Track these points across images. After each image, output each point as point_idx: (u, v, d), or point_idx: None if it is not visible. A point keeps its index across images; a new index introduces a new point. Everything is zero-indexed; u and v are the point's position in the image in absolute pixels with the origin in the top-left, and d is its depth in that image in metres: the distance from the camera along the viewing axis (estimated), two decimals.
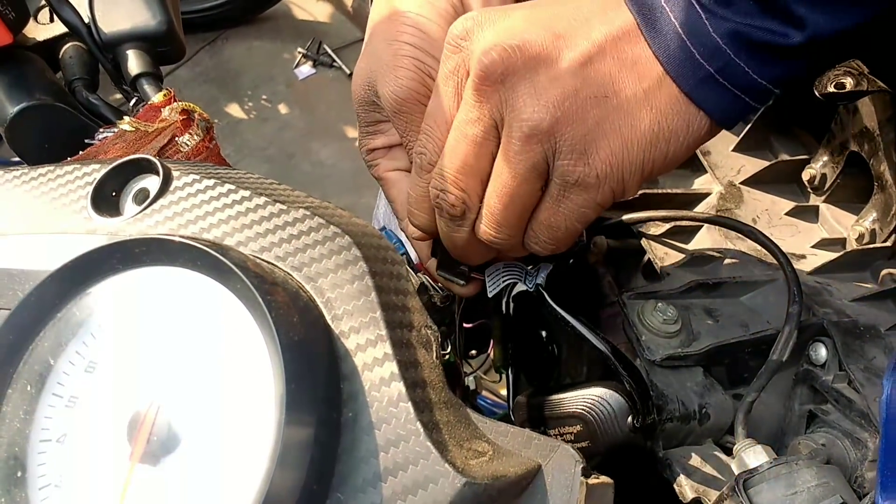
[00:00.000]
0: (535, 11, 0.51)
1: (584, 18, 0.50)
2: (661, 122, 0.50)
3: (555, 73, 0.49)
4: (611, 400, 0.59)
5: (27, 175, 0.57)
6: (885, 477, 0.35)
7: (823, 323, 0.63)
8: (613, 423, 0.58)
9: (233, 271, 0.42)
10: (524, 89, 0.49)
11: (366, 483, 0.40)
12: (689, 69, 0.49)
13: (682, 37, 0.48)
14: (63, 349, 0.47)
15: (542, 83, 0.49)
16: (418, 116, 0.57)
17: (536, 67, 0.49)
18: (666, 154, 0.51)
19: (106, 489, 0.44)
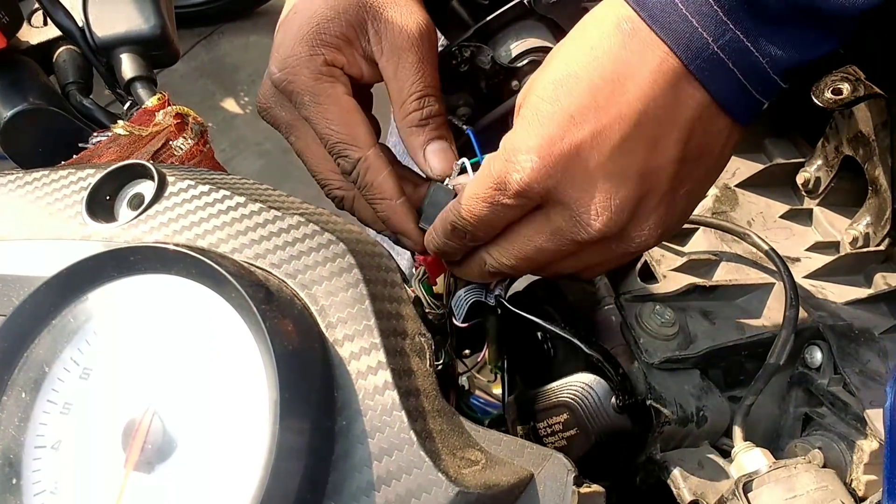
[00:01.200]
0: (606, 146, 0.48)
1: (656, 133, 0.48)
2: (724, 160, 0.53)
3: (653, 205, 0.50)
4: (592, 383, 0.59)
5: (21, 179, 0.57)
6: (892, 483, 0.35)
7: (818, 326, 0.63)
8: (598, 407, 0.59)
9: (227, 280, 0.42)
10: (631, 228, 0.51)
11: (359, 491, 0.40)
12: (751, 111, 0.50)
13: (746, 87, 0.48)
14: (58, 356, 0.47)
15: (643, 217, 0.50)
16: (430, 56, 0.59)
17: (637, 211, 0.50)
18: None
19: (101, 496, 0.44)
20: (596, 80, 0.48)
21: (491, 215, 0.52)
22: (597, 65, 0.48)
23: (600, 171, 0.48)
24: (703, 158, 0.50)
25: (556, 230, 0.51)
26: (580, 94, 0.48)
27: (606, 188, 0.48)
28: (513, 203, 0.50)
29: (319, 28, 0.59)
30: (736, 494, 0.50)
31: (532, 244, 0.53)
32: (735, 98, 0.48)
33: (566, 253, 0.53)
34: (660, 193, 0.50)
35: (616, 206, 0.49)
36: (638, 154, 0.48)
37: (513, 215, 0.52)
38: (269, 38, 0.64)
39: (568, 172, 0.48)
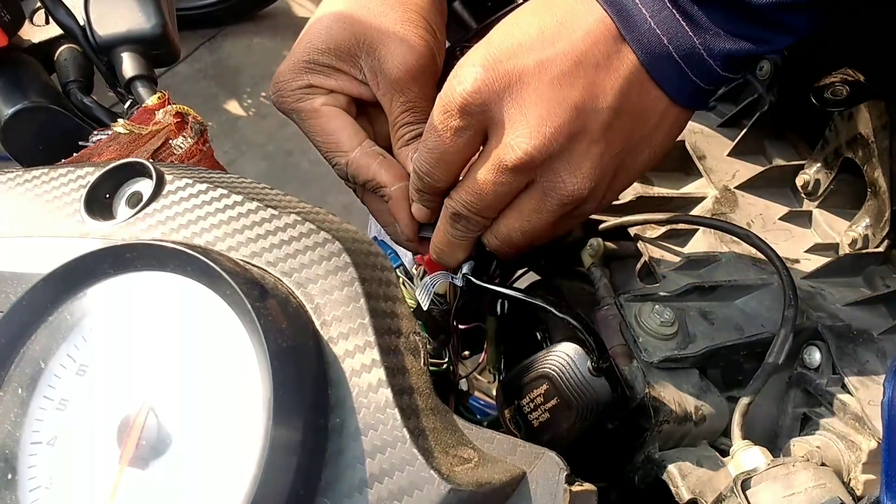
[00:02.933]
0: (547, 75, 0.51)
1: (595, 78, 0.52)
2: (667, 140, 0.56)
3: (585, 147, 0.52)
4: (567, 350, 0.59)
5: (21, 177, 0.57)
6: (890, 478, 0.35)
7: (817, 327, 0.63)
8: (574, 371, 0.58)
9: (222, 277, 0.42)
10: (560, 168, 0.53)
11: (352, 489, 0.40)
12: (688, 93, 0.54)
13: (682, 66, 0.52)
14: (54, 352, 0.47)
15: (578, 158, 0.53)
16: (428, 90, 0.60)
17: (569, 145, 0.52)
18: None
19: (95, 492, 0.44)
20: (546, 18, 0.52)
21: (442, 144, 0.54)
22: (555, 9, 0.52)
23: (538, 96, 0.51)
24: (637, 120, 0.53)
25: (498, 159, 0.53)
26: (529, 27, 0.52)
27: (541, 113, 0.51)
28: (457, 124, 0.52)
29: (310, 58, 0.62)
30: (734, 492, 0.50)
31: (480, 179, 0.54)
32: (667, 72, 0.52)
33: (506, 185, 0.54)
34: (593, 136, 0.52)
35: (548, 133, 0.51)
36: (575, 90, 0.51)
37: (461, 144, 0.54)
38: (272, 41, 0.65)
39: (508, 91, 0.51)
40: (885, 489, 0.35)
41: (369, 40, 0.60)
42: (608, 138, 0.53)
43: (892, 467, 0.35)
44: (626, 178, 0.58)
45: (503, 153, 0.52)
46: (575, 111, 0.51)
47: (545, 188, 0.54)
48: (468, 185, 0.56)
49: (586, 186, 0.53)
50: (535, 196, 0.55)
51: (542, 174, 0.53)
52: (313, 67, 0.61)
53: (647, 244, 0.70)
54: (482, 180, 0.54)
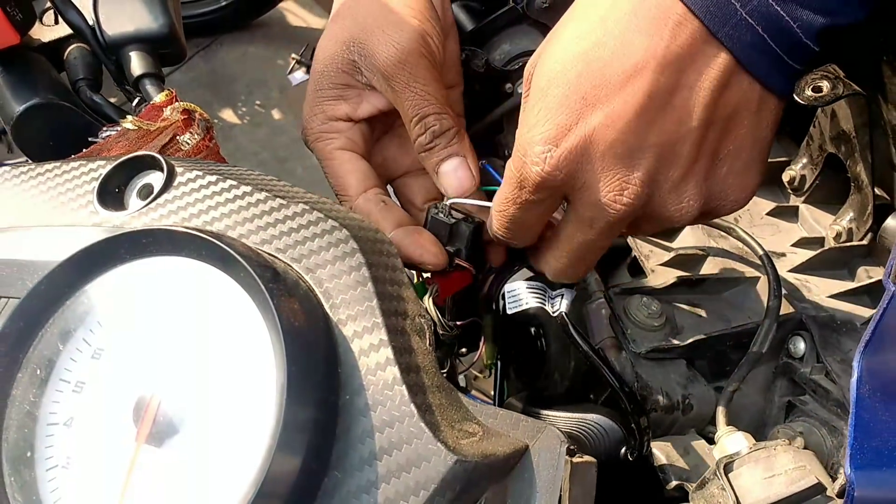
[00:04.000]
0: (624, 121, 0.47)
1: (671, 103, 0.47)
2: (769, 134, 0.51)
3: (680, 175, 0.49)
4: (608, 428, 0.60)
5: (34, 171, 0.59)
6: (854, 450, 0.37)
7: (802, 317, 0.65)
8: (607, 450, 0.59)
9: (236, 260, 0.44)
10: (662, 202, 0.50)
11: (362, 462, 0.42)
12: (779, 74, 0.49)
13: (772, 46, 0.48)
14: (71, 336, 0.49)
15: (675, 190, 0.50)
16: (420, 74, 0.59)
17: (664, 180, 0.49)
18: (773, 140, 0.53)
19: (112, 470, 0.45)
20: (606, 55, 0.47)
21: (521, 215, 0.53)
22: (608, 35, 0.47)
23: (614, 150, 0.47)
24: (734, 121, 0.49)
25: (590, 219, 0.51)
26: (592, 74, 0.47)
27: (622, 166, 0.48)
28: (536, 198, 0.51)
29: (317, 86, 0.63)
30: (717, 475, 0.51)
31: (575, 240, 0.54)
32: (757, 57, 0.47)
33: (611, 235, 0.53)
34: (687, 162, 0.48)
35: (635, 181, 0.48)
36: (655, 127, 0.47)
37: (542, 211, 0.53)
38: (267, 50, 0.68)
39: (584, 157, 0.48)
40: (850, 461, 0.37)
41: (359, 41, 0.61)
42: (704, 151, 0.49)
43: (857, 440, 0.37)
44: (747, 180, 0.52)
45: (596, 213, 0.50)
46: (659, 150, 0.48)
47: (657, 222, 0.52)
48: (562, 250, 0.55)
49: (696, 206, 0.50)
50: (643, 225, 0.54)
51: (647, 210, 0.51)
52: (322, 94, 0.63)
53: (636, 240, 0.72)
54: (578, 242, 0.54)
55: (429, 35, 0.60)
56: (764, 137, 0.52)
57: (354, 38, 0.61)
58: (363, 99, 0.63)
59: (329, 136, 0.63)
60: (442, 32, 0.64)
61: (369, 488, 0.41)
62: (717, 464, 0.53)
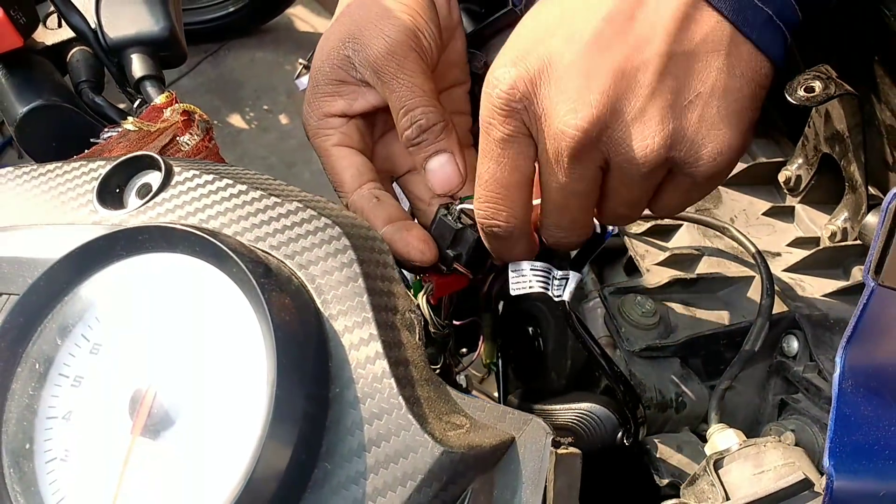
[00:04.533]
0: (580, 43, 0.47)
1: (635, 28, 0.47)
2: (744, 85, 0.49)
3: (640, 106, 0.47)
4: (601, 416, 0.60)
5: (36, 171, 0.60)
6: (834, 444, 0.38)
7: (795, 316, 0.65)
8: (603, 438, 0.60)
9: (230, 256, 0.45)
10: (621, 136, 0.48)
11: (351, 453, 0.43)
12: (752, 18, 0.48)
13: None
14: (69, 332, 0.50)
15: (636, 122, 0.47)
16: (408, 66, 0.59)
17: (623, 108, 0.47)
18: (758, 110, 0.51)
19: (109, 462, 0.46)
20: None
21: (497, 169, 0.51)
22: None
23: (571, 70, 0.47)
24: (700, 58, 0.47)
25: (554, 154, 0.49)
26: (551, 9, 0.49)
27: (578, 86, 0.47)
28: (502, 133, 0.49)
29: (314, 82, 0.64)
30: (707, 470, 0.52)
31: (550, 187, 0.51)
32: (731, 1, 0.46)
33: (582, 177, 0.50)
34: (647, 92, 0.47)
35: (590, 102, 0.47)
36: (612, 51, 0.47)
37: (514, 157, 0.50)
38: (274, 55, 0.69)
39: (542, 78, 0.48)
40: (829, 454, 0.37)
41: (353, 37, 0.61)
42: (669, 86, 0.47)
43: (837, 434, 0.38)
44: (721, 132, 0.49)
45: (556, 143, 0.48)
46: (618, 71, 0.47)
47: (618, 162, 0.49)
48: (546, 207, 0.53)
49: (662, 144, 0.47)
50: (615, 176, 0.50)
51: (609, 150, 0.49)
52: (319, 90, 0.64)
53: (632, 239, 0.73)
54: (554, 188, 0.51)
55: (420, 31, 0.61)
56: (738, 89, 0.49)
57: (349, 34, 0.62)
58: (359, 95, 0.64)
59: (325, 133, 0.64)
60: (444, 30, 0.65)
61: (358, 479, 0.42)
62: (707, 460, 0.53)
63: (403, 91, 0.60)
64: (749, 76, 0.49)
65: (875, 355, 0.39)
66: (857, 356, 0.38)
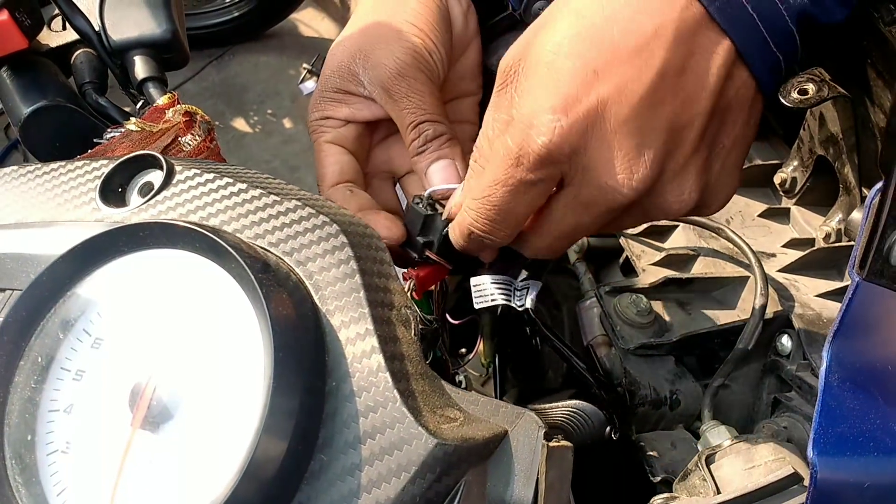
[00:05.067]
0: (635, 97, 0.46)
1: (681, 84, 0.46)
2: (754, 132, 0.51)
3: (683, 162, 0.48)
4: (589, 412, 0.61)
5: (39, 170, 0.61)
6: (818, 435, 0.38)
7: (789, 315, 0.66)
8: (591, 434, 0.60)
9: (228, 252, 0.46)
10: (664, 190, 0.48)
11: (347, 445, 0.43)
12: (773, 69, 0.49)
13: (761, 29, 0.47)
14: (72, 326, 0.51)
15: (678, 176, 0.48)
16: (417, 87, 0.61)
17: (668, 166, 0.47)
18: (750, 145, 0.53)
19: (109, 454, 0.47)
20: (616, 32, 0.45)
21: (510, 200, 0.49)
22: (616, 14, 0.46)
23: (626, 127, 0.45)
24: (732, 113, 0.48)
25: (587, 202, 0.49)
26: (602, 47, 0.45)
27: (633, 145, 0.46)
28: (535, 177, 0.47)
29: (323, 87, 0.66)
30: (699, 466, 0.53)
31: (567, 222, 0.51)
32: (755, 47, 0.47)
33: (606, 220, 0.51)
34: (690, 149, 0.47)
35: (645, 163, 0.46)
36: (665, 107, 0.46)
37: (535, 195, 0.49)
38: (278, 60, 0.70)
39: (594, 131, 0.46)
40: (813, 445, 0.38)
41: (364, 52, 0.63)
42: (707, 142, 0.48)
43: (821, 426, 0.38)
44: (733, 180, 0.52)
45: (600, 197, 0.48)
46: (668, 132, 0.46)
47: (652, 212, 0.50)
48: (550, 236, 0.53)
49: (696, 199, 0.49)
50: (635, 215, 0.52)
51: (647, 200, 0.49)
52: (326, 96, 0.66)
53: (628, 240, 0.74)
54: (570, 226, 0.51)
55: (430, 52, 0.63)
56: (751, 136, 0.51)
57: (361, 51, 0.63)
58: (364, 106, 0.66)
59: (322, 129, 0.66)
60: (458, 45, 0.67)
61: (353, 470, 0.43)
62: (699, 455, 0.54)
63: (412, 109, 0.62)
64: (757, 125, 0.51)
65: (861, 349, 0.40)
66: (844, 350, 0.39)
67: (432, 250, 0.61)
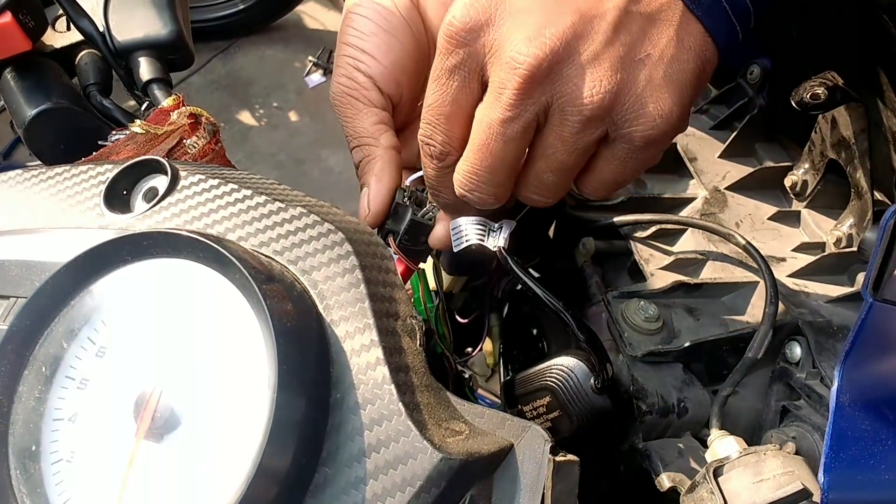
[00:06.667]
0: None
1: None
2: (690, 59, 0.50)
3: (595, 50, 0.48)
4: (571, 366, 0.61)
5: (44, 174, 0.61)
6: (829, 458, 0.38)
7: (798, 322, 0.65)
8: (578, 388, 0.61)
9: (232, 263, 0.45)
10: (572, 74, 0.48)
11: (351, 458, 0.43)
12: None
13: None
14: (76, 335, 0.50)
15: (588, 63, 0.48)
16: (348, 108, 0.62)
17: (577, 49, 0.48)
18: (700, 88, 0.53)
19: (113, 464, 0.47)
20: None
21: (438, 95, 0.51)
22: None
23: (533, 6, 0.48)
24: (654, 24, 0.49)
25: (499, 86, 0.49)
26: None
27: (538, 21, 0.48)
28: (453, 61, 0.50)
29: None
30: (707, 478, 0.52)
31: (484, 123, 0.51)
32: None
33: (521, 115, 0.50)
34: (603, 39, 0.48)
35: (549, 34, 0.47)
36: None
37: (459, 85, 0.51)
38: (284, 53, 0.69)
39: (501, 9, 0.48)
40: (824, 469, 0.37)
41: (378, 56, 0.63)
42: (623, 40, 0.49)
43: (832, 449, 0.38)
44: (676, 92, 0.50)
45: (504, 74, 0.48)
46: (577, 13, 0.48)
47: (562, 104, 0.49)
48: (471, 146, 0.52)
49: (609, 90, 0.48)
50: (554, 121, 0.50)
51: (554, 89, 0.49)
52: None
53: (637, 243, 0.73)
54: (486, 124, 0.50)
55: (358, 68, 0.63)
56: (685, 60, 0.50)
57: None
58: None
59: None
60: None
61: (357, 484, 0.43)
62: (707, 468, 0.53)
63: (348, 131, 0.63)
64: (696, 52, 0.51)
65: (873, 370, 0.39)
66: (856, 370, 0.39)
67: (395, 240, 0.62)
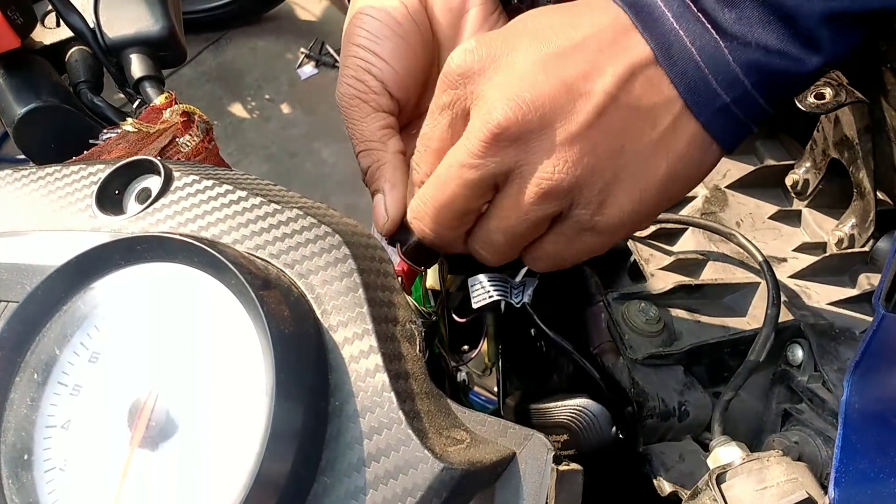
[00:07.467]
0: (541, 51, 0.48)
1: (594, 59, 0.47)
2: (676, 164, 0.49)
3: (571, 129, 0.47)
4: (594, 410, 0.60)
5: (34, 174, 0.60)
6: (839, 473, 0.37)
7: (800, 325, 0.65)
8: (598, 432, 0.60)
9: (228, 268, 0.44)
10: (540, 147, 0.47)
11: (351, 468, 0.42)
12: (706, 100, 0.47)
13: (701, 66, 0.46)
14: (68, 340, 0.49)
15: (560, 141, 0.47)
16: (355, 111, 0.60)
17: (552, 123, 0.47)
18: (680, 192, 0.51)
19: (107, 472, 0.46)
20: (556, 16, 0.50)
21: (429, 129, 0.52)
22: (562, 7, 0.50)
23: (525, 67, 0.48)
24: (643, 117, 0.47)
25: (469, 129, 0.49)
26: (537, 19, 0.50)
27: (523, 84, 0.47)
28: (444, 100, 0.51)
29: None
30: (709, 485, 0.51)
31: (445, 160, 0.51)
32: (684, 69, 0.47)
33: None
34: (581, 121, 0.47)
35: (527, 99, 0.47)
36: (569, 67, 0.47)
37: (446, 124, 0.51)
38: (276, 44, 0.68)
39: (495, 64, 0.48)
40: (834, 483, 0.37)
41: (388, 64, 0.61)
42: (603, 128, 0.47)
43: (842, 462, 0.37)
44: (637, 192, 0.49)
45: (477, 124, 0.48)
46: (563, 86, 0.47)
47: (523, 172, 0.48)
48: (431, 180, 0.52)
49: (571, 173, 0.47)
50: (513, 186, 0.49)
51: (519, 155, 0.48)
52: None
53: (636, 243, 0.72)
54: (446, 165, 0.50)
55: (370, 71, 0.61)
56: (680, 159, 0.49)
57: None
58: None
59: None
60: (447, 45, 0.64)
61: (357, 494, 0.42)
62: (710, 475, 0.53)
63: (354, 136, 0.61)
64: (680, 155, 0.49)
65: (883, 382, 0.38)
66: (865, 382, 0.38)
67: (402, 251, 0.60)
